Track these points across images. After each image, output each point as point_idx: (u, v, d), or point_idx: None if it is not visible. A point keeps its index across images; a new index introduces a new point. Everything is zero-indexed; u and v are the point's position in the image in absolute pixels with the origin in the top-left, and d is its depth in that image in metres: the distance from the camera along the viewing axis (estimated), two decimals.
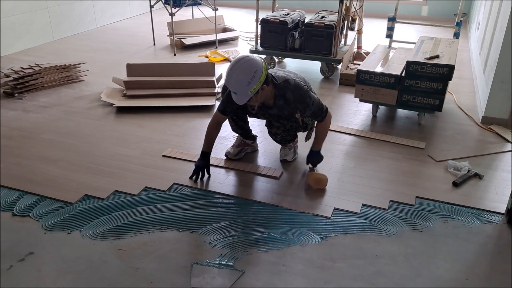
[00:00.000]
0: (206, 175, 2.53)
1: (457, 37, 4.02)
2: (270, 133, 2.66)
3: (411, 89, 3.14)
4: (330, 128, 3.12)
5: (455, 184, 2.50)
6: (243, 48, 5.19)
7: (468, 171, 2.59)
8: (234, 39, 5.57)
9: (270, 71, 2.43)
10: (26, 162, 2.67)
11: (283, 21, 4.14)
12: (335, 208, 2.29)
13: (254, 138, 2.85)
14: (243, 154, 2.79)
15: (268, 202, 2.33)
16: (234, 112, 2.54)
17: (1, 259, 1.91)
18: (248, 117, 2.72)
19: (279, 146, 2.80)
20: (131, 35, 5.73)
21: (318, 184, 2.45)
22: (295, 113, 2.46)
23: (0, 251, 1.95)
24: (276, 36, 4.21)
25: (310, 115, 2.47)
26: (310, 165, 2.63)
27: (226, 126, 3.04)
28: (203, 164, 2.53)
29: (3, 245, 1.99)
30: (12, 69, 3.82)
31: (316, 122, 2.57)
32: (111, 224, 2.15)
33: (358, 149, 2.92)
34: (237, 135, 2.80)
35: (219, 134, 2.63)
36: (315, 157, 2.59)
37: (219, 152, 2.79)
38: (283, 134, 2.59)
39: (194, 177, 2.52)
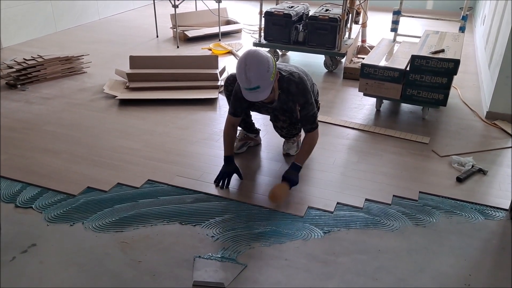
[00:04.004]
0: (236, 179, 2.39)
1: (463, 31, 3.98)
2: (275, 127, 2.63)
3: (415, 84, 3.12)
4: (333, 122, 3.14)
5: (459, 180, 2.49)
6: (247, 41, 5.16)
7: (472, 166, 2.58)
8: (238, 31, 5.54)
9: None
10: (28, 153, 2.67)
11: (287, 14, 4.10)
12: (338, 203, 2.28)
13: (257, 132, 2.83)
14: (245, 148, 2.78)
15: (268, 206, 2.25)
16: (245, 111, 2.47)
17: (4, 251, 1.91)
18: (251, 111, 2.70)
19: (282, 140, 2.78)
20: (134, 27, 5.71)
21: (274, 198, 2.23)
22: (297, 107, 2.36)
23: (1, 242, 1.95)
24: (280, 29, 4.18)
25: (304, 117, 2.35)
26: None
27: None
28: (231, 169, 2.40)
29: (6, 237, 1.99)
30: (14, 61, 3.81)
31: (305, 131, 2.41)
32: (114, 216, 2.14)
33: (361, 143, 2.91)
34: (240, 128, 2.78)
35: (220, 129, 2.60)
36: (294, 173, 2.32)
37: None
38: (289, 128, 2.56)
39: (220, 184, 2.36)
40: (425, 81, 3.09)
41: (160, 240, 2.00)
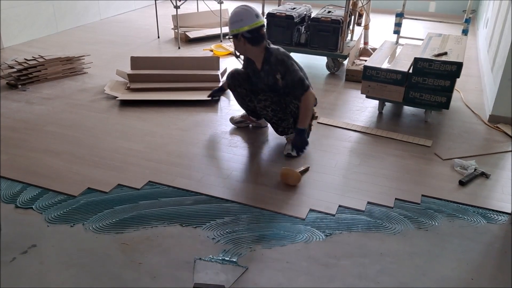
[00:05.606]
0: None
1: (466, 34, 3.97)
2: (262, 114, 2.71)
3: (418, 86, 3.11)
4: (335, 125, 3.13)
5: (462, 183, 2.47)
6: None
7: (475, 170, 2.56)
8: None
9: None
10: (29, 154, 2.66)
11: (289, 16, 4.10)
12: (339, 206, 2.27)
13: (259, 116, 2.96)
14: (244, 125, 3.05)
15: (270, 209, 2.27)
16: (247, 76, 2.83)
17: (5, 251, 1.90)
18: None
19: (283, 142, 2.78)
20: (135, 28, 5.71)
21: (286, 179, 2.41)
22: (276, 75, 2.57)
23: (2, 243, 1.94)
24: (282, 31, 4.17)
25: (290, 84, 2.53)
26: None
27: (225, 132, 3.02)
28: (220, 89, 3.19)
29: (6, 237, 1.98)
30: (15, 61, 3.81)
31: (298, 99, 2.59)
32: (114, 218, 2.13)
33: (363, 146, 2.89)
34: (244, 112, 3.04)
35: (221, 130, 2.59)
36: (298, 136, 2.56)
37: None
38: (273, 107, 2.62)
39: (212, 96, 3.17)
40: (428, 84, 3.08)
41: (160, 242, 1.98)
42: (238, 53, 2.80)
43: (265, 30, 2.64)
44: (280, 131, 2.73)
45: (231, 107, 3.38)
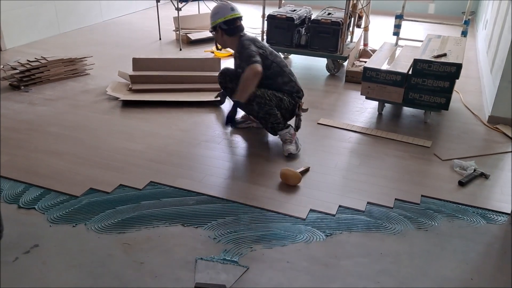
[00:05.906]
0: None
1: (465, 36, 3.99)
2: (245, 106, 2.77)
3: (417, 87, 3.12)
4: (335, 126, 3.15)
5: (461, 184, 2.49)
6: None
7: (474, 170, 2.58)
8: None
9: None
10: (31, 154, 2.68)
11: (290, 17, 4.12)
12: (340, 206, 2.28)
13: None
14: (245, 126, 3.10)
15: (270, 209, 2.30)
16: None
17: (7, 251, 1.92)
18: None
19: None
20: (137, 29, 5.73)
21: (286, 180, 2.46)
22: (237, 54, 2.78)
23: (4, 243, 1.96)
24: (283, 32, 4.19)
25: (243, 60, 2.67)
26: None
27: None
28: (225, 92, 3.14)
29: (8, 237, 1.99)
30: (18, 62, 3.82)
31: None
32: (116, 218, 2.15)
33: (363, 146, 2.91)
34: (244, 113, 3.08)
35: (222, 131, 2.62)
36: (230, 110, 2.75)
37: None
38: (257, 100, 2.68)
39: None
40: (427, 85, 3.09)
41: (162, 242, 2.00)
42: (219, 46, 2.96)
43: (241, 22, 2.79)
44: (270, 127, 2.75)
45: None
